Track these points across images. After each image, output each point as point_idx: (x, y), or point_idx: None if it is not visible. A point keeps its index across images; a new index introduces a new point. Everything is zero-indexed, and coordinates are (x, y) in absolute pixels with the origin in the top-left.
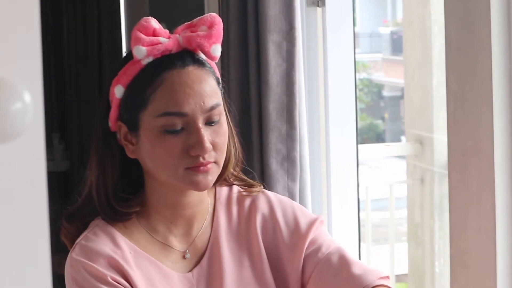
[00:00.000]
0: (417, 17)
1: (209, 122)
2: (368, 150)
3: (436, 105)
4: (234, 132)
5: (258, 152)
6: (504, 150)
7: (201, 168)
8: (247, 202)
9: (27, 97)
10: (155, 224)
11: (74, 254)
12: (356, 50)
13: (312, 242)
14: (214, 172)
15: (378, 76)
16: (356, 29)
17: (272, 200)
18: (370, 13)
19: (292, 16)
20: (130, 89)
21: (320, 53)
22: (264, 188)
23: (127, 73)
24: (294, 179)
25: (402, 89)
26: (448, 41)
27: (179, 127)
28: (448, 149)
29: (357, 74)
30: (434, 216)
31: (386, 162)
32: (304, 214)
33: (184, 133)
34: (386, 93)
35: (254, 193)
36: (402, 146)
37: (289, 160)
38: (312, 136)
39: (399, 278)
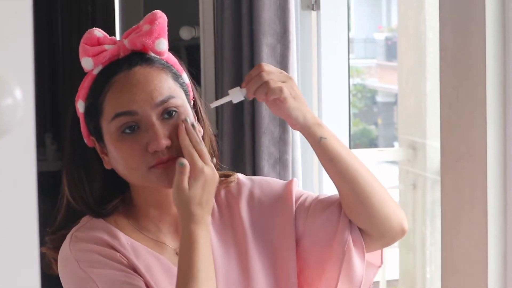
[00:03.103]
0: (412, 23)
1: (166, 116)
2: (361, 155)
3: (429, 111)
4: (208, 131)
5: (250, 154)
6: (496, 155)
7: (162, 164)
8: (222, 191)
9: (18, 93)
10: (145, 224)
11: (74, 242)
12: (351, 56)
13: (296, 198)
14: None
15: (372, 81)
16: (351, 34)
17: (247, 183)
18: (365, 18)
19: (286, 19)
20: (88, 101)
21: (314, 56)
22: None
23: (84, 87)
24: None
25: (396, 95)
26: (443, 47)
27: (133, 125)
28: (441, 154)
29: (351, 80)
30: (425, 221)
31: (379, 167)
32: (277, 180)
33: (141, 132)
34: (379, 98)
35: (232, 183)
36: (395, 152)
37: (281, 163)
38: (304, 140)
39: (390, 283)
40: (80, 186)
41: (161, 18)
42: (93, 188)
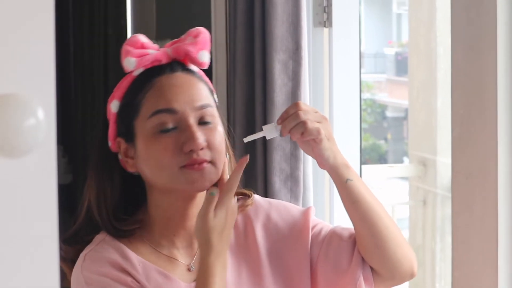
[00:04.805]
0: (423, 38)
1: (202, 122)
2: (371, 170)
3: (440, 127)
4: (231, 152)
5: (262, 170)
6: (507, 174)
7: (196, 166)
8: (239, 214)
9: (40, 113)
10: (159, 238)
11: (86, 263)
12: (361, 70)
13: (312, 227)
14: (211, 173)
15: (382, 96)
16: (361, 49)
17: (264, 206)
18: (375, 33)
19: (299, 36)
20: (124, 100)
21: (326, 73)
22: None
23: (121, 87)
24: (297, 198)
25: (406, 110)
26: (454, 64)
27: (171, 125)
28: (452, 172)
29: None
30: (435, 238)
31: (389, 182)
32: (295, 207)
33: (177, 132)
34: (389, 113)
35: (248, 207)
36: (405, 168)
37: (293, 179)
38: None
39: None
40: (105, 193)
41: (205, 33)
42: (112, 197)
